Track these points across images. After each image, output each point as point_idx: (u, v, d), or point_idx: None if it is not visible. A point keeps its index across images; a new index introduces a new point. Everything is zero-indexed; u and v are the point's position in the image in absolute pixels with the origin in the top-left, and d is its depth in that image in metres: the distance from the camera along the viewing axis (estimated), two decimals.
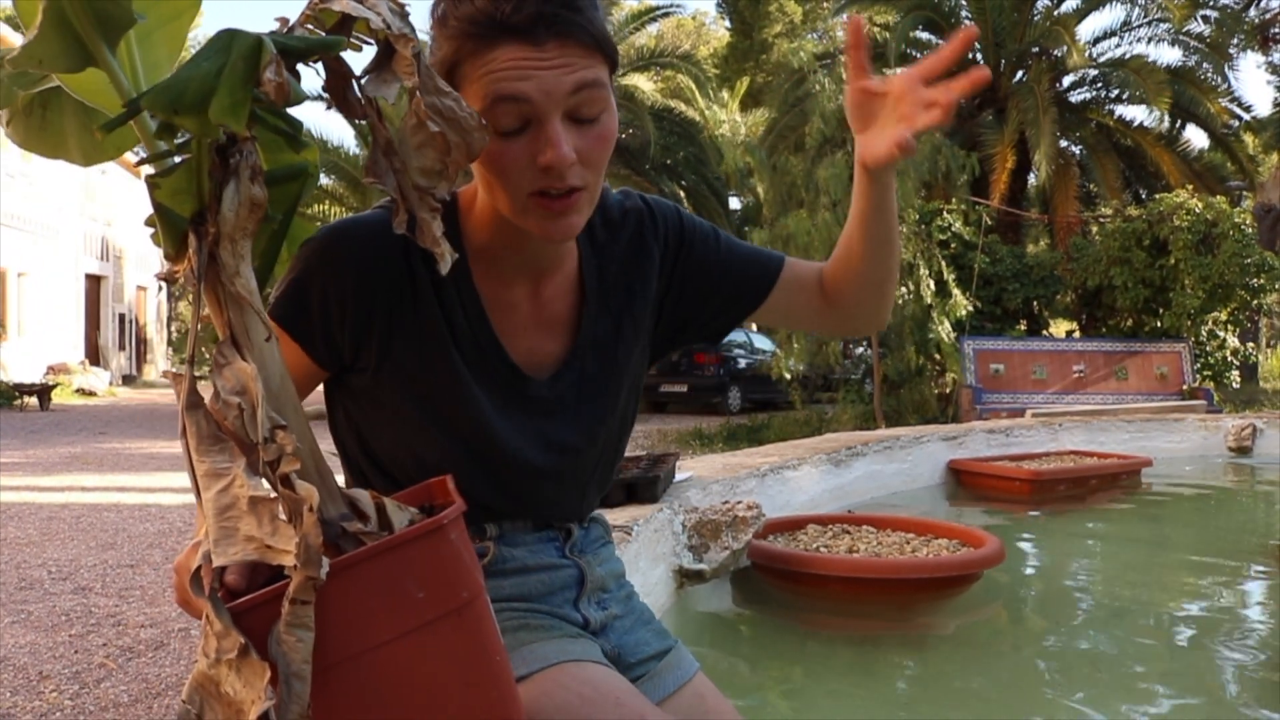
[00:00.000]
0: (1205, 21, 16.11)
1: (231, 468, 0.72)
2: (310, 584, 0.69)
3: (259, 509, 0.70)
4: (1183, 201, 11.65)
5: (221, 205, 0.74)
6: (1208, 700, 2.56)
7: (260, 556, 0.69)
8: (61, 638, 3.46)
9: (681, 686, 1.15)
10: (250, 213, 0.75)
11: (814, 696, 2.59)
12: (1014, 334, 12.70)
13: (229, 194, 0.74)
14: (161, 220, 0.76)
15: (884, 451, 5.37)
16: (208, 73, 0.69)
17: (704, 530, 3.13)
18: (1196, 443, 7.10)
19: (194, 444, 0.73)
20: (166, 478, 7.84)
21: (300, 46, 0.73)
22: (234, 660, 0.68)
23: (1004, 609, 3.47)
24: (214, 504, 0.71)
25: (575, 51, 0.95)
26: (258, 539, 0.69)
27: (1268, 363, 20.09)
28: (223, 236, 0.74)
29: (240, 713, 0.68)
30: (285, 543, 0.68)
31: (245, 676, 0.68)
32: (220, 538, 0.70)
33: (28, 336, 18.86)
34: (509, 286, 1.09)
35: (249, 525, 0.70)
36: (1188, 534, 5.06)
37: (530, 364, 1.10)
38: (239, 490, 0.71)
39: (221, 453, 0.73)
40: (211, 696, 0.70)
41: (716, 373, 15.63)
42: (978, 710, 2.52)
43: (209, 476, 0.72)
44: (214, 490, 0.71)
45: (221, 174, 0.74)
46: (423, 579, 0.74)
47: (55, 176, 20.32)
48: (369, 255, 1.02)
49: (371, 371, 1.05)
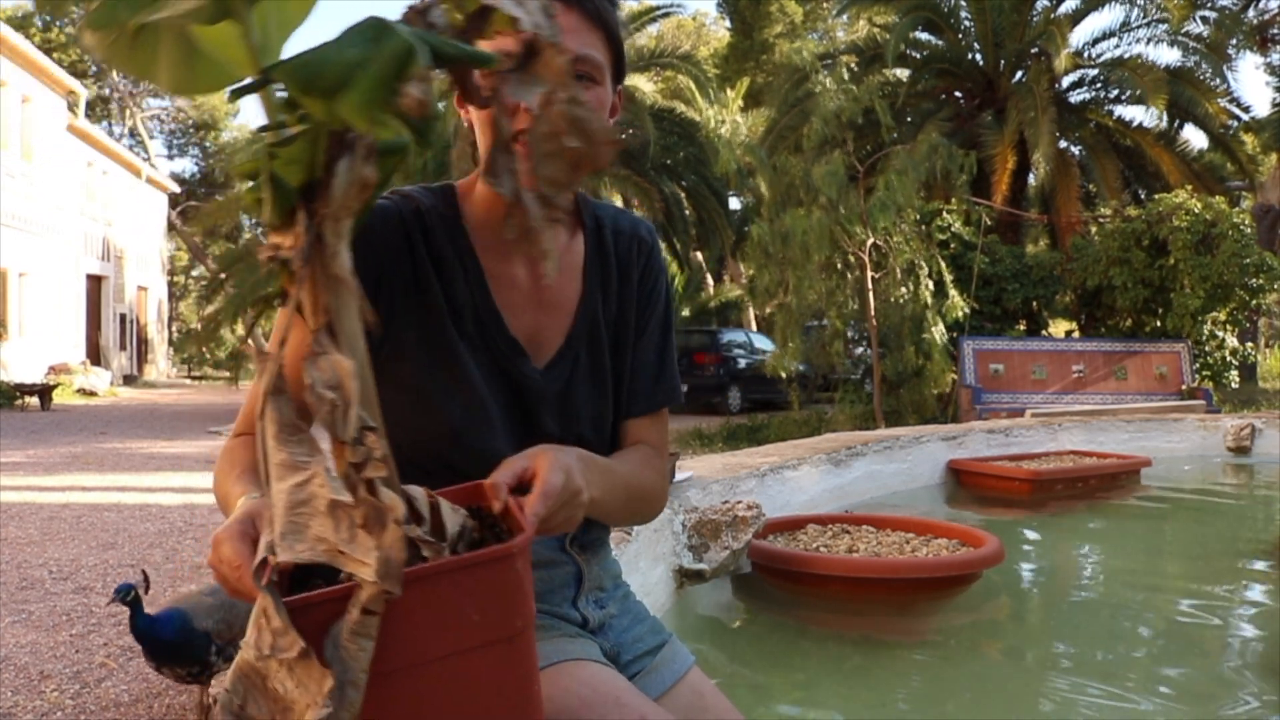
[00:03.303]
0: (1204, 22, 16.10)
1: (311, 463, 0.69)
2: (385, 597, 0.67)
3: (338, 513, 0.67)
4: (1182, 202, 11.65)
5: (334, 181, 0.70)
6: (1207, 699, 2.56)
7: (330, 560, 0.67)
8: (62, 637, 3.47)
9: (678, 681, 1.16)
10: (360, 192, 0.71)
11: (814, 696, 2.60)
12: (1013, 334, 12.70)
13: (341, 170, 0.70)
14: (272, 190, 0.72)
15: (884, 451, 5.38)
16: (348, 62, 0.65)
17: (704, 530, 3.14)
18: (1196, 443, 7.11)
19: (273, 430, 0.70)
20: (167, 478, 7.84)
21: (452, 54, 0.69)
22: (290, 660, 0.66)
23: (1004, 609, 3.47)
24: (287, 497, 0.68)
25: (575, 18, 1.01)
26: (330, 542, 0.67)
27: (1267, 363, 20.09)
28: (328, 215, 0.71)
29: (288, 712, 0.67)
30: (362, 553, 0.66)
31: (299, 677, 0.66)
32: (288, 532, 0.67)
33: (28, 336, 18.85)
34: (509, 260, 1.11)
35: (323, 526, 0.67)
36: (1186, 534, 5.06)
37: (530, 343, 1.12)
38: (318, 489, 0.68)
39: (301, 444, 0.70)
40: (257, 689, 0.68)
41: (716, 373, 15.63)
42: (977, 709, 2.53)
43: (285, 467, 0.69)
44: (289, 482, 0.68)
45: (336, 149, 0.70)
46: (482, 603, 0.73)
47: (55, 176, 20.33)
48: (372, 234, 1.05)
49: (373, 349, 1.06)
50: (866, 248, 10.37)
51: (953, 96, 16.89)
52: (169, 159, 37.15)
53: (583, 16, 1.03)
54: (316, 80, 0.66)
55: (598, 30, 1.04)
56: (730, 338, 16.38)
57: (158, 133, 36.84)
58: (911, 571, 3.15)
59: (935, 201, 12.47)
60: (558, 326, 1.14)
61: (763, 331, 17.49)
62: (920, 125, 14.17)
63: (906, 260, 10.56)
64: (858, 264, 10.62)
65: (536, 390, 1.11)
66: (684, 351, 15.26)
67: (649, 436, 1.20)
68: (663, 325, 1.23)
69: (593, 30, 1.03)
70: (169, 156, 37.29)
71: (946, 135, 12.93)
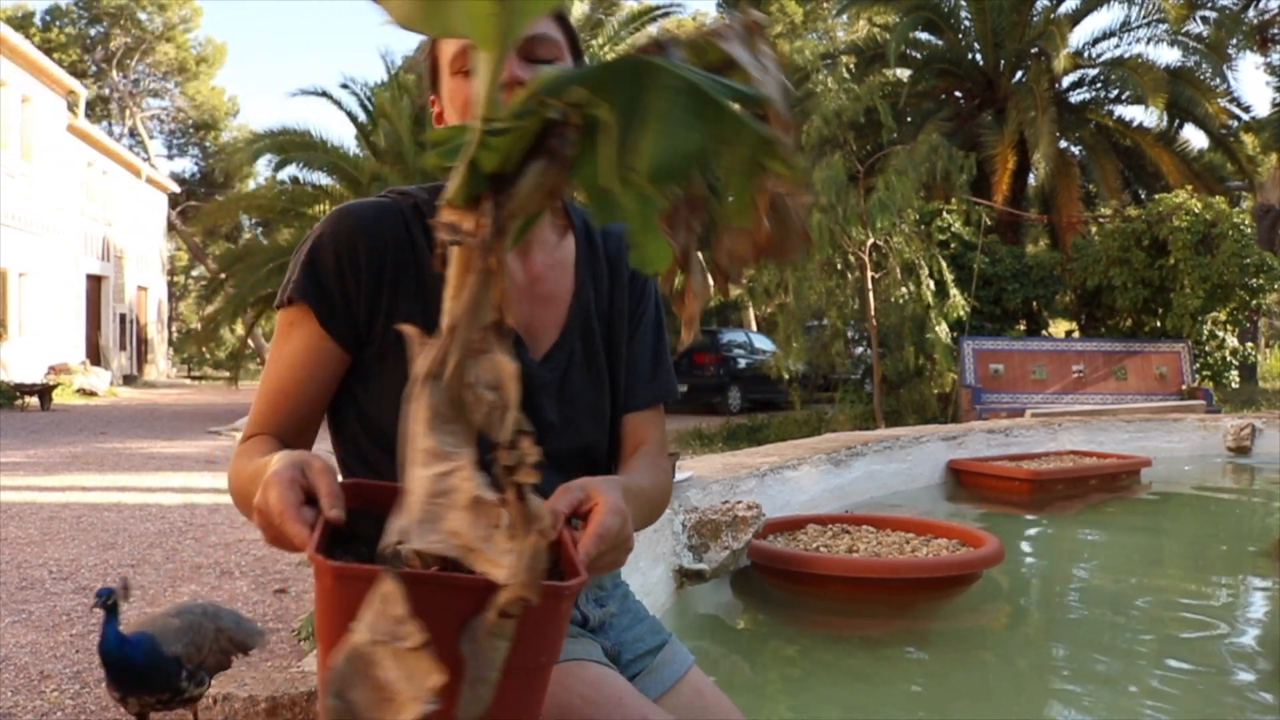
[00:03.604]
0: (1204, 22, 16.10)
1: (459, 455, 0.68)
2: (522, 603, 0.67)
3: (479, 511, 0.67)
4: (1182, 202, 11.66)
5: (521, 179, 0.69)
6: (1207, 699, 2.56)
7: (459, 556, 0.66)
8: (62, 637, 3.47)
9: (678, 681, 1.16)
10: (542, 198, 0.70)
11: (814, 696, 2.60)
12: (1013, 334, 12.70)
13: (533, 171, 0.69)
14: (467, 170, 0.70)
15: (884, 451, 5.38)
16: (690, 153, 0.64)
17: (704, 530, 3.14)
18: (1195, 442, 7.11)
19: (424, 415, 0.69)
20: (167, 478, 7.84)
21: None
22: (403, 650, 0.65)
23: (1003, 609, 3.47)
24: (428, 484, 0.68)
25: None
26: (465, 538, 0.66)
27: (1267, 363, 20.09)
28: (508, 210, 0.70)
29: (388, 703, 0.65)
30: (496, 554, 0.65)
31: (409, 668, 0.65)
32: (423, 519, 0.67)
33: (28, 336, 18.85)
34: None
35: (459, 521, 0.67)
36: (1186, 534, 5.06)
37: (526, 334, 1.14)
38: (462, 482, 0.67)
39: (451, 435, 0.69)
40: (362, 675, 0.66)
41: (716, 373, 15.62)
42: (977, 709, 2.53)
43: (430, 454, 0.68)
44: (432, 470, 0.68)
45: (536, 150, 0.69)
46: (524, 630, 0.72)
47: (55, 176, 20.33)
48: (374, 227, 1.09)
49: (378, 343, 1.09)
50: (866, 248, 10.38)
51: (953, 96, 16.90)
52: (169, 159, 37.17)
53: None
54: (670, 175, 0.65)
55: (548, 16, 1.08)
56: (730, 338, 16.38)
57: (158, 133, 36.87)
58: (911, 571, 3.15)
59: (935, 201, 12.47)
60: (552, 320, 1.16)
61: (763, 331, 17.49)
62: (920, 125, 14.17)
63: (906, 260, 10.56)
64: (858, 264, 10.62)
65: (535, 379, 1.13)
66: (684, 351, 15.25)
67: (650, 433, 1.23)
68: (655, 323, 1.26)
69: (543, 15, 1.07)
70: (169, 156, 37.30)
71: (946, 135, 12.93)
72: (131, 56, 33.41)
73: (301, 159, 14.76)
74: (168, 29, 33.49)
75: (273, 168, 16.77)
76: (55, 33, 32.26)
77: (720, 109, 0.64)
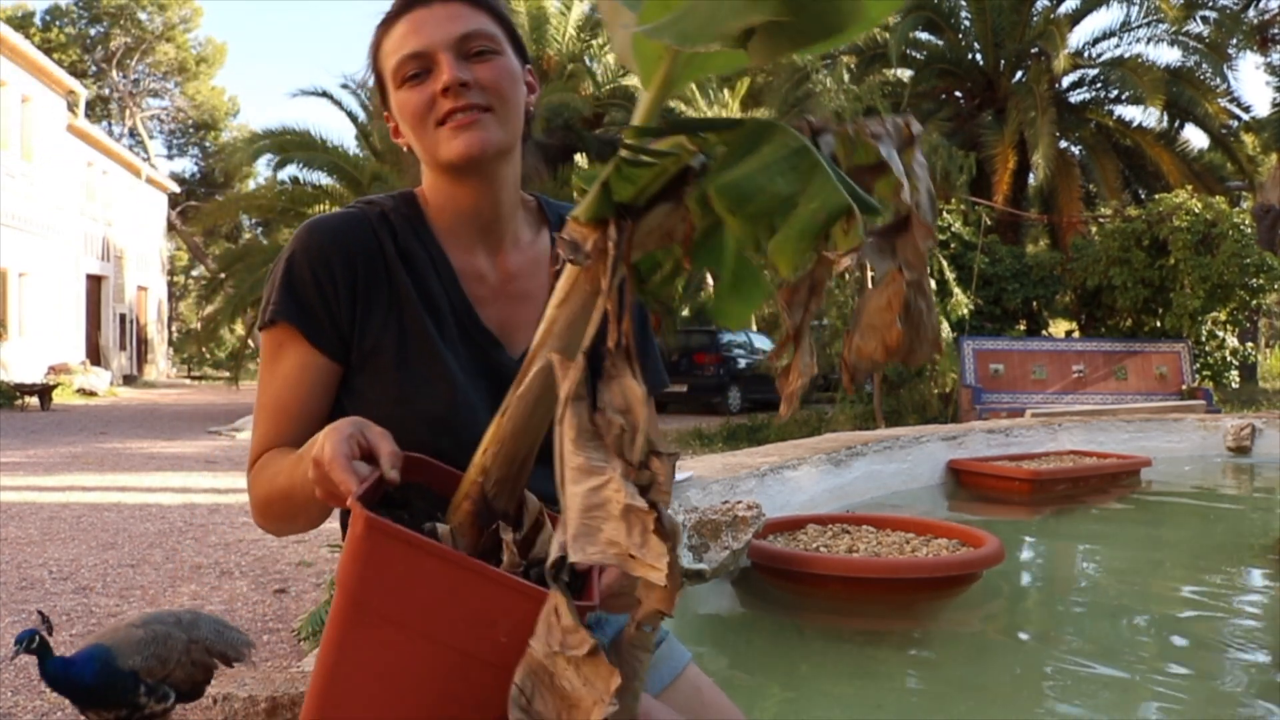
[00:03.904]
0: (1204, 22, 16.10)
1: (608, 469, 0.71)
2: (659, 616, 0.71)
3: (631, 518, 0.69)
4: (1182, 202, 11.65)
5: (647, 216, 0.73)
6: (1207, 699, 2.56)
7: (621, 564, 0.68)
8: (62, 637, 3.47)
9: (676, 677, 1.17)
10: (658, 239, 0.74)
11: (814, 696, 2.60)
12: (1013, 334, 12.70)
13: (662, 209, 0.73)
14: (600, 192, 0.74)
15: (884, 451, 5.37)
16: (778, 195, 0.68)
17: (704, 530, 3.13)
18: (1196, 443, 7.10)
19: (571, 435, 0.72)
20: (167, 478, 7.84)
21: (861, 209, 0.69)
22: (579, 658, 0.68)
23: (1003, 609, 3.47)
24: (581, 500, 0.70)
25: (460, 8, 1.08)
26: (622, 546, 0.68)
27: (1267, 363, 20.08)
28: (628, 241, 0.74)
29: (575, 709, 0.69)
30: (654, 558, 0.67)
31: (586, 675, 0.68)
32: (580, 534, 0.69)
33: (28, 336, 18.85)
34: (473, 255, 1.15)
35: (615, 530, 0.69)
36: (1186, 534, 5.06)
37: (502, 333, 1.14)
38: (613, 494, 0.70)
39: (598, 450, 0.72)
40: (544, 686, 0.70)
41: (716, 373, 15.62)
42: (977, 709, 2.52)
43: (581, 471, 0.71)
44: (584, 486, 0.70)
45: (666, 193, 0.73)
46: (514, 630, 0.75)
47: (55, 176, 20.33)
48: (345, 238, 1.10)
49: (356, 353, 1.10)
50: None
51: (953, 96, 16.90)
52: (169, 159, 37.18)
53: (465, 3, 1.09)
54: (745, 204, 0.68)
55: (481, 12, 1.10)
56: (730, 338, 16.36)
57: (158, 133, 36.88)
58: (911, 571, 3.15)
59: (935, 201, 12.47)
60: (528, 318, 1.15)
61: (763, 331, 17.49)
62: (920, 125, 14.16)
63: None
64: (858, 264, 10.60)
65: (514, 378, 1.12)
66: (684, 351, 15.26)
67: None
68: (638, 313, 1.24)
69: (476, 12, 1.09)
70: (169, 156, 37.32)
71: (947, 135, 12.94)
72: (131, 56, 33.42)
73: (301, 159, 14.77)
74: (168, 29, 33.50)
75: (273, 168, 16.78)
76: (55, 33, 32.25)
77: (816, 166, 0.68)
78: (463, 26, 1.07)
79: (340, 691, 0.79)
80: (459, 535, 0.84)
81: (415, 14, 1.08)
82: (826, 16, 0.70)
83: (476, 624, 0.75)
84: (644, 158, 0.72)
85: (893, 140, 0.73)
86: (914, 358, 0.74)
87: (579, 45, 16.80)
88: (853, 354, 0.74)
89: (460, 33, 1.07)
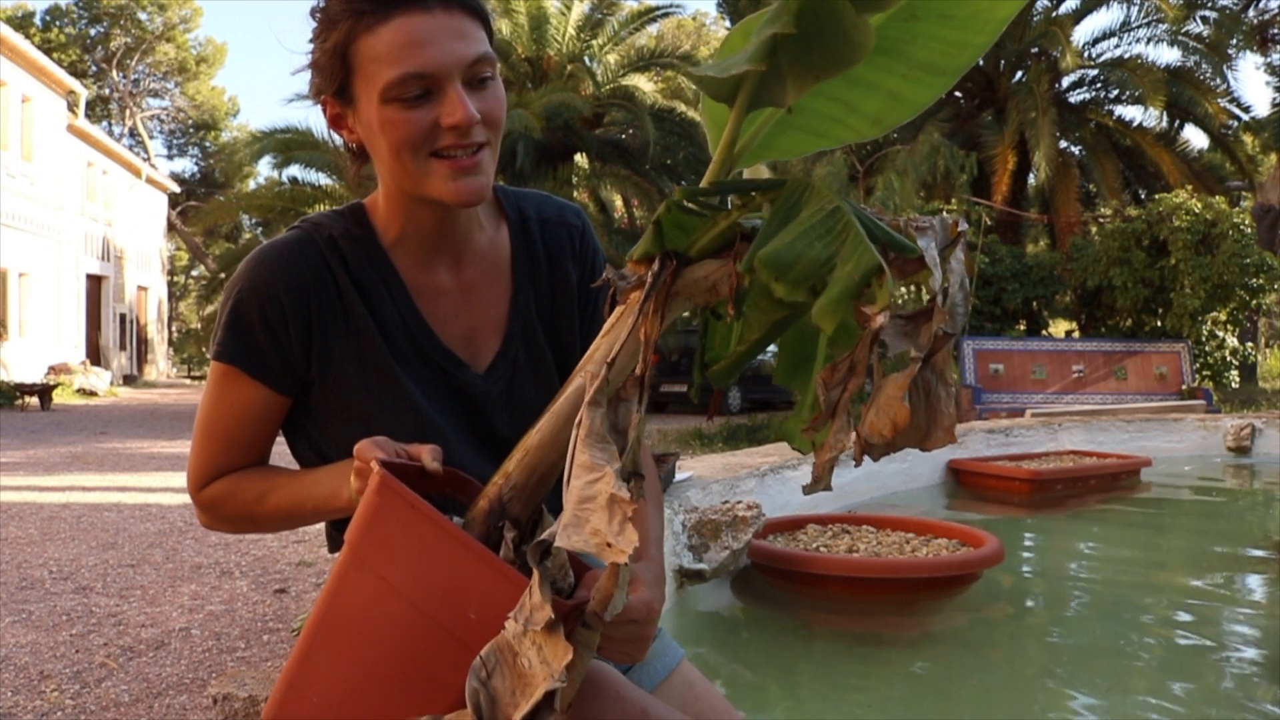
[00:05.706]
0: (1204, 22, 16.11)
1: (606, 468, 0.75)
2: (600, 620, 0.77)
3: (613, 507, 0.73)
4: (1182, 202, 11.66)
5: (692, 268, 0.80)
6: (1207, 699, 2.56)
7: (598, 552, 0.72)
8: (62, 637, 3.47)
9: (670, 674, 1.17)
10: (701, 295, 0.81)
11: (814, 696, 2.60)
12: (1013, 334, 12.70)
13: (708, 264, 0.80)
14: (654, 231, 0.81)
15: None
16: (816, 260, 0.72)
17: (704, 530, 3.14)
18: (1195, 442, 7.11)
19: (583, 434, 0.77)
20: (167, 478, 7.84)
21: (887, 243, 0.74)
22: (537, 633, 0.73)
23: (1004, 609, 3.47)
24: (578, 492, 0.75)
25: (461, 18, 1.00)
26: (602, 534, 0.72)
27: (1266, 362, 20.09)
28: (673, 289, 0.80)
29: (528, 687, 0.73)
30: (626, 545, 0.71)
31: (545, 652, 0.73)
32: (570, 523, 0.73)
33: (29, 336, 18.85)
34: (430, 271, 1.12)
35: (599, 520, 0.73)
36: (1186, 534, 5.06)
37: (467, 351, 1.12)
38: (603, 486, 0.74)
39: (603, 452, 0.77)
40: (506, 664, 0.75)
41: None
42: (978, 709, 2.52)
43: (584, 467, 0.76)
44: (583, 480, 0.75)
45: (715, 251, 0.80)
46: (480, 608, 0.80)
47: (55, 176, 20.33)
48: (292, 270, 1.06)
49: (320, 383, 1.09)
50: None
51: (953, 96, 16.89)
52: (169, 159, 37.21)
53: (466, 15, 1.02)
54: (787, 272, 0.73)
55: (478, 23, 1.03)
56: None
57: (158, 133, 36.89)
58: (911, 571, 3.15)
59: (935, 201, 12.47)
60: (491, 327, 1.14)
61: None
62: (920, 125, 14.16)
63: None
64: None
65: (481, 395, 1.12)
66: (684, 352, 15.26)
67: None
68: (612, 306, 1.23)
69: (475, 25, 1.02)
70: (169, 156, 37.34)
71: (947, 135, 12.94)
72: (131, 56, 33.42)
73: (302, 159, 14.77)
74: (168, 29, 33.51)
75: (275, 168, 16.77)
76: (55, 33, 32.26)
77: (849, 227, 0.72)
78: (471, 49, 1.00)
79: (334, 618, 0.86)
80: (469, 527, 0.89)
81: (412, 20, 0.97)
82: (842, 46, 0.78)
83: (452, 595, 0.80)
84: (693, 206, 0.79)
85: (937, 237, 0.77)
86: (929, 442, 0.78)
87: (579, 45, 16.78)
88: (865, 429, 0.77)
89: (471, 58, 0.99)
